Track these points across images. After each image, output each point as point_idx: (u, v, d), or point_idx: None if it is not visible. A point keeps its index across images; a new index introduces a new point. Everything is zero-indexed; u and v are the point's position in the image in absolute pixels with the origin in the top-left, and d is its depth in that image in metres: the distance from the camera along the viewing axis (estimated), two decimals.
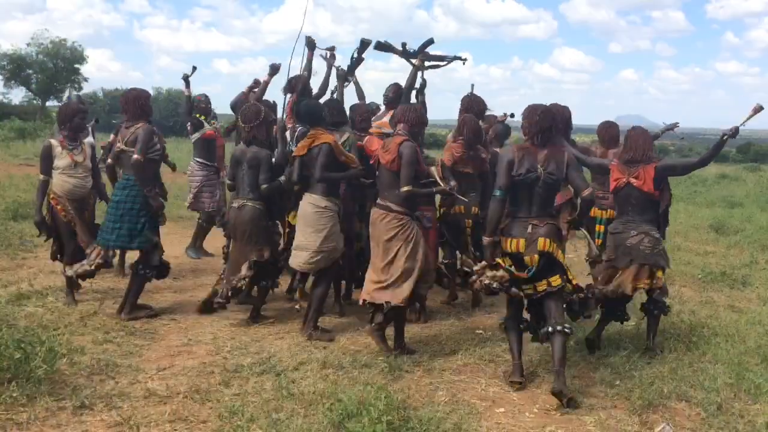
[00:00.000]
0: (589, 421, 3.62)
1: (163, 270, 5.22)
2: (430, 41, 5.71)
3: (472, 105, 5.69)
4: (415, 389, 3.90)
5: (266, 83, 6.26)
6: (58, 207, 5.18)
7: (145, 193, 4.94)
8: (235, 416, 3.41)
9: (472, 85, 5.91)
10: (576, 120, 5.58)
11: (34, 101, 41.40)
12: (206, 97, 7.32)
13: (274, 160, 5.06)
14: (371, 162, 4.78)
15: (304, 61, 5.68)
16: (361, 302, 4.56)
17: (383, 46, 5.82)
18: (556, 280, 3.92)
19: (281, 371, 4.06)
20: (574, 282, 4.03)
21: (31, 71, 40.35)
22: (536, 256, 3.87)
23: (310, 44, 5.76)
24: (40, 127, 27.81)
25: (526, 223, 3.93)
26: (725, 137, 4.53)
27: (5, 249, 7.08)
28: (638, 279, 4.52)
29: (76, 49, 41.28)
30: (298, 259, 4.84)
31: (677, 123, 6.23)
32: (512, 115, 5.94)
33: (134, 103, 5.04)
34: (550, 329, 3.87)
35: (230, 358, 4.30)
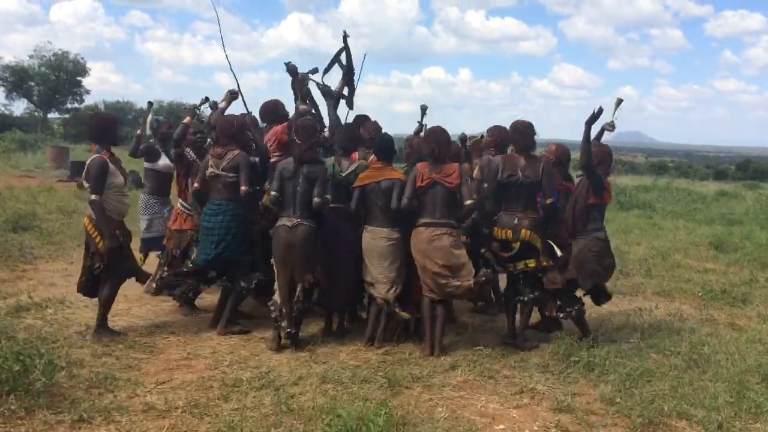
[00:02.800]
0: None
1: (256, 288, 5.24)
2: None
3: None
4: (414, 405, 3.87)
5: (223, 110, 5.72)
6: (117, 232, 4.79)
7: (250, 217, 5.13)
8: (234, 431, 3.39)
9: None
10: (576, 136, 5.67)
11: (36, 113, 41.64)
12: None
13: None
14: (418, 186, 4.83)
15: (296, 90, 5.77)
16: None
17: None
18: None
19: (280, 386, 4.05)
20: None
21: (33, 83, 40.63)
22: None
23: (291, 71, 5.80)
24: (41, 138, 27.99)
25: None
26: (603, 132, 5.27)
27: (5, 261, 7.09)
28: None
29: (79, 62, 41.60)
30: (382, 292, 4.93)
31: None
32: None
33: (230, 129, 5.11)
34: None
35: (229, 373, 4.29)
